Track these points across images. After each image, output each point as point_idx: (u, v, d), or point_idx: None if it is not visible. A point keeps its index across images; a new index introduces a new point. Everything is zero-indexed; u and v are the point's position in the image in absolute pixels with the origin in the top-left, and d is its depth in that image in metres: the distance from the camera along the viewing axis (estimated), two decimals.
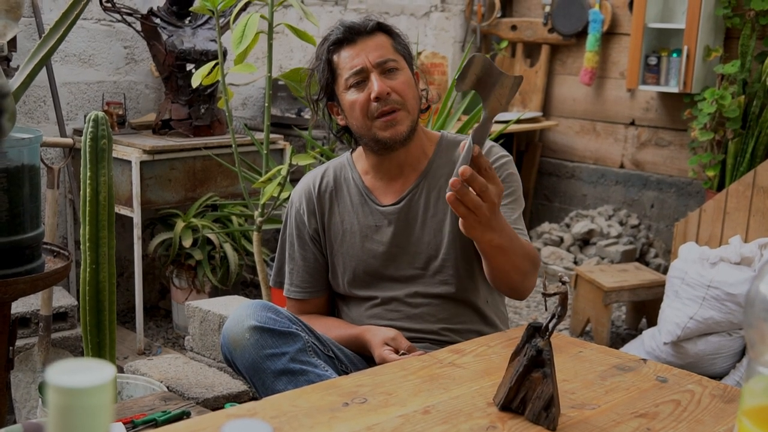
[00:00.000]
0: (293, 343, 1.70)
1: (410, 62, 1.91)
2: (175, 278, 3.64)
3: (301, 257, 1.99)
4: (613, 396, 1.40)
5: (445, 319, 1.90)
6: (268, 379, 1.68)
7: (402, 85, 1.84)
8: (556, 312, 1.30)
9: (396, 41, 1.90)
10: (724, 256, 3.23)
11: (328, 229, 1.96)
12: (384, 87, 1.82)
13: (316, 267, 1.99)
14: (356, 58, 1.84)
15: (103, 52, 3.67)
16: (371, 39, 1.86)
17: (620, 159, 4.94)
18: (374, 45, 1.86)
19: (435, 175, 1.91)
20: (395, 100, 1.83)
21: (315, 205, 1.97)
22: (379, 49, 1.85)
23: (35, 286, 2.24)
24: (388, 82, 1.83)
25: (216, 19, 2.60)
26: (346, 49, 1.86)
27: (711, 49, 4.27)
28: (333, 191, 1.97)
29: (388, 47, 1.87)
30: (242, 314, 1.72)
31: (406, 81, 1.85)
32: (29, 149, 2.22)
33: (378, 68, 1.83)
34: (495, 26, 5.20)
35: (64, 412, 0.61)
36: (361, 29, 1.87)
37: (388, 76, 1.84)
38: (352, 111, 1.86)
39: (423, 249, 1.88)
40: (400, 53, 1.89)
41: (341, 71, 1.86)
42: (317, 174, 2.01)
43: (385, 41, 1.88)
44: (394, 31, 1.92)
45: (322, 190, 1.97)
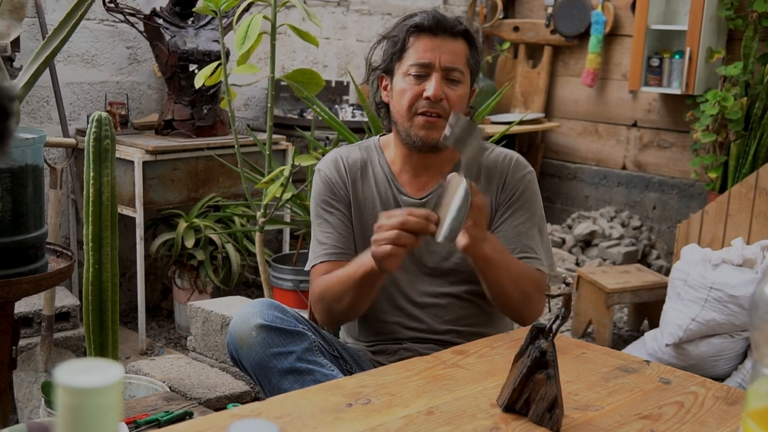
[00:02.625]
0: (300, 343, 1.69)
1: (474, 78, 1.91)
2: (177, 278, 3.64)
3: (336, 219, 1.91)
4: (616, 397, 1.40)
5: (451, 321, 1.89)
6: (275, 378, 1.67)
7: (456, 97, 1.84)
8: (560, 313, 1.30)
9: (472, 54, 1.88)
10: (727, 258, 3.23)
11: (354, 202, 1.93)
12: (440, 91, 1.82)
13: (348, 229, 1.92)
14: (429, 51, 1.83)
15: (106, 53, 3.67)
16: (452, 41, 1.85)
17: (622, 160, 4.94)
18: (451, 48, 1.84)
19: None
20: (443, 107, 1.83)
21: (345, 174, 1.93)
22: (453, 54, 1.84)
23: (38, 286, 2.24)
24: (446, 89, 1.83)
25: (219, 20, 2.60)
26: (425, 38, 1.85)
27: (713, 51, 4.27)
28: (360, 169, 1.94)
29: (462, 57, 1.86)
30: (249, 312, 1.72)
31: (461, 95, 1.85)
32: (32, 149, 2.22)
33: (443, 72, 1.83)
34: (497, 27, 5.20)
35: (72, 412, 0.61)
36: (448, 27, 1.85)
37: (448, 84, 1.84)
38: (401, 97, 1.85)
39: (438, 248, 1.88)
40: (470, 67, 1.88)
41: (409, 55, 1.85)
42: (344, 150, 1.98)
43: (462, 49, 1.86)
44: (476, 43, 1.90)
45: (351, 164, 1.95)
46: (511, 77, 5.22)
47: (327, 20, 4.44)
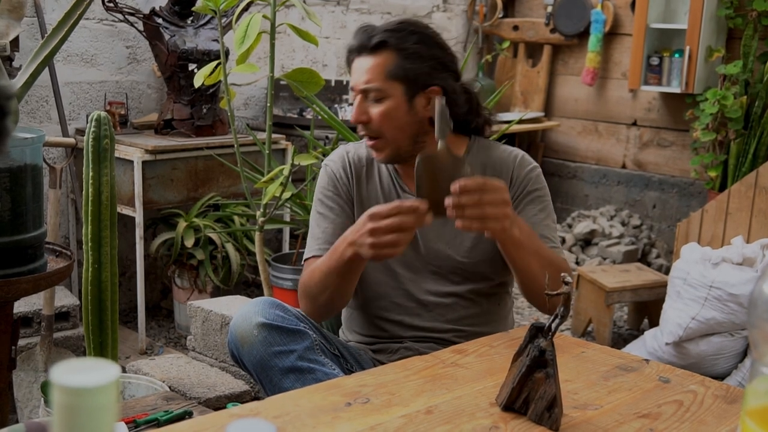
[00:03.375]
0: (301, 341, 1.69)
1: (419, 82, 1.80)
2: (177, 278, 3.64)
3: (334, 215, 1.90)
4: (615, 396, 1.40)
5: (454, 320, 1.89)
6: (276, 377, 1.67)
7: (377, 115, 1.80)
8: (559, 312, 1.30)
9: (399, 62, 1.78)
10: (726, 256, 3.23)
11: (358, 200, 1.92)
12: (358, 115, 1.81)
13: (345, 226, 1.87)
14: (353, 74, 1.83)
15: (106, 52, 3.67)
16: (371, 57, 1.80)
17: (622, 159, 4.93)
18: (367, 67, 1.80)
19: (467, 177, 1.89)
20: (371, 128, 1.81)
21: (350, 171, 1.93)
22: (368, 73, 1.79)
23: (37, 286, 2.24)
24: (369, 108, 1.81)
25: (218, 19, 2.60)
26: (354, 60, 1.85)
27: (713, 50, 4.27)
28: (365, 166, 1.94)
29: (380, 72, 1.79)
30: (250, 311, 1.72)
31: (384, 112, 1.79)
32: (32, 149, 2.22)
33: (362, 93, 1.81)
34: (497, 26, 5.20)
35: (69, 412, 0.61)
36: (363, 45, 1.81)
37: (370, 102, 1.81)
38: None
39: (443, 247, 1.87)
40: (397, 78, 1.78)
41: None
42: (352, 147, 1.98)
43: (382, 63, 1.79)
44: (405, 46, 1.79)
45: (357, 161, 1.94)
46: (511, 76, 5.21)
47: (326, 19, 4.44)
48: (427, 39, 1.83)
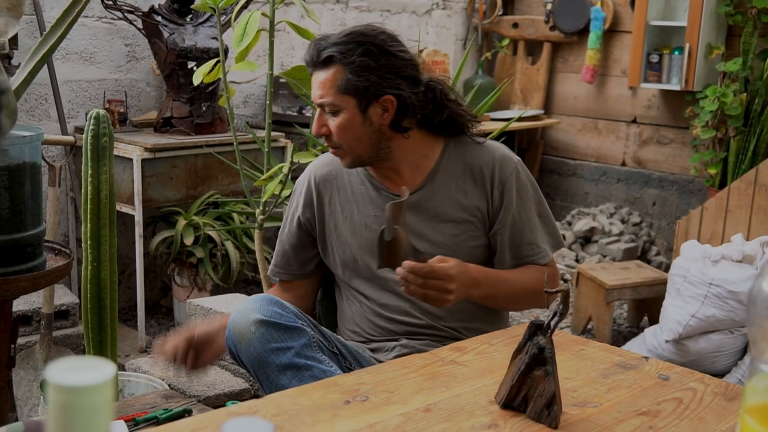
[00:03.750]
0: (299, 338, 1.69)
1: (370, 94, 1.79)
2: (176, 276, 3.64)
3: (288, 242, 2.02)
4: (615, 394, 1.40)
5: (445, 318, 1.89)
6: (273, 373, 1.67)
7: (335, 128, 1.82)
8: (558, 310, 1.30)
9: (348, 76, 1.78)
10: (726, 254, 3.22)
11: (327, 216, 1.96)
12: (317, 128, 1.85)
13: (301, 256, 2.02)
14: (312, 88, 1.86)
15: (105, 50, 3.67)
16: (323, 71, 1.82)
17: (622, 157, 4.93)
18: (319, 82, 1.82)
19: (444, 176, 1.90)
20: (332, 140, 1.85)
21: (313, 194, 1.97)
22: (321, 88, 1.82)
23: (37, 284, 2.24)
24: (328, 121, 1.84)
25: (217, 17, 2.60)
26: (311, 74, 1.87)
27: (713, 47, 4.26)
28: (334, 179, 1.97)
29: (331, 86, 1.80)
30: (248, 308, 1.72)
31: (341, 125, 1.81)
32: (30, 147, 2.22)
33: (320, 107, 1.84)
34: (496, 24, 5.19)
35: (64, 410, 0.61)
36: (314, 61, 1.83)
37: (330, 116, 1.83)
38: None
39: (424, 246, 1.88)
40: (347, 91, 1.79)
41: None
42: (320, 162, 2.01)
43: (332, 78, 1.79)
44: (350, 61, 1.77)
45: (323, 178, 1.97)
46: (511, 74, 5.21)
47: (326, 17, 4.44)
48: (375, 49, 1.79)
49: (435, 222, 1.88)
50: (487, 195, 1.89)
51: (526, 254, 1.90)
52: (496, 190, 1.88)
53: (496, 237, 1.90)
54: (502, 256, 1.91)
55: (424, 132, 1.92)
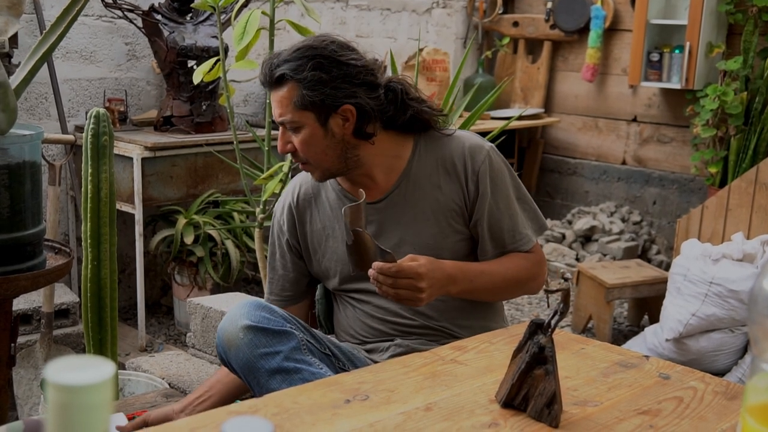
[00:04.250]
0: (287, 342, 1.69)
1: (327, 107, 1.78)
2: (176, 275, 3.64)
3: (281, 266, 2.01)
4: (615, 393, 1.39)
5: (437, 317, 1.89)
6: (263, 378, 1.67)
7: (299, 144, 1.81)
8: (559, 309, 1.29)
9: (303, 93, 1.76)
10: (727, 252, 3.22)
11: (311, 236, 1.97)
12: (283, 146, 1.84)
13: (294, 277, 2.01)
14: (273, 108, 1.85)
15: (105, 49, 3.67)
16: (278, 90, 1.80)
17: (622, 155, 4.93)
18: (277, 100, 1.81)
19: (417, 174, 1.88)
20: (298, 156, 1.84)
21: (294, 216, 1.98)
22: (279, 107, 1.80)
23: (37, 283, 2.24)
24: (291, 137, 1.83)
25: (217, 16, 2.60)
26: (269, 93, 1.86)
27: (713, 46, 4.26)
28: (312, 198, 1.97)
29: (288, 104, 1.78)
30: (236, 314, 1.72)
31: (304, 140, 1.80)
32: (30, 146, 2.22)
33: (282, 125, 1.83)
34: (497, 23, 5.19)
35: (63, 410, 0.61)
36: (267, 81, 1.81)
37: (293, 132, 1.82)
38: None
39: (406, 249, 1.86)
40: (305, 107, 1.77)
41: None
42: (296, 183, 2.01)
43: (287, 95, 1.78)
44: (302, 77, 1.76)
45: (301, 198, 1.98)
46: (511, 72, 5.21)
47: (326, 16, 4.43)
48: (325, 61, 1.77)
49: (414, 222, 1.87)
50: (462, 187, 1.86)
51: (508, 242, 1.87)
52: (470, 181, 1.86)
53: (476, 228, 1.87)
54: (484, 246, 1.88)
55: (392, 133, 1.89)
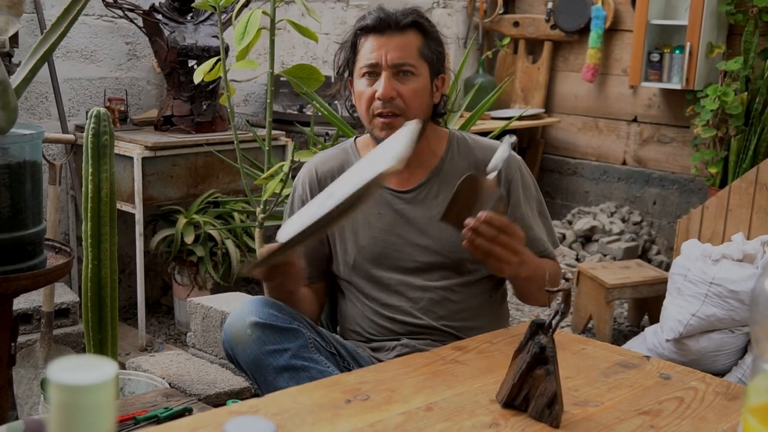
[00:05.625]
0: (295, 340, 1.69)
1: (438, 67, 1.85)
2: (177, 275, 3.64)
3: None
4: (616, 393, 1.39)
5: (446, 315, 1.89)
6: (270, 376, 1.67)
7: (410, 92, 1.81)
8: (560, 309, 1.30)
9: (427, 43, 1.83)
10: (727, 253, 3.22)
11: None
12: (389, 90, 1.80)
13: (315, 254, 1.95)
14: (376, 51, 1.81)
15: (105, 48, 3.67)
16: (399, 36, 1.81)
17: (622, 156, 4.93)
18: (398, 44, 1.80)
19: (448, 174, 1.89)
20: (398, 105, 1.81)
21: (318, 190, 1.92)
22: (400, 50, 1.80)
23: (37, 283, 2.24)
24: (398, 85, 1.80)
25: (218, 15, 2.59)
26: (372, 37, 1.83)
27: (714, 46, 4.26)
28: (335, 176, 1.91)
29: (413, 50, 1.81)
30: (244, 310, 1.72)
31: (416, 89, 1.81)
32: (31, 145, 2.22)
33: (392, 69, 1.80)
34: (497, 23, 5.19)
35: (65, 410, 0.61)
36: (393, 23, 1.81)
37: (400, 79, 1.80)
38: (359, 100, 1.87)
39: (427, 243, 1.87)
40: (425, 58, 1.83)
41: (360, 57, 1.85)
42: (319, 159, 1.99)
43: (412, 42, 1.82)
44: (430, 30, 1.84)
45: (325, 174, 1.94)
46: (511, 73, 5.21)
47: (326, 16, 4.43)
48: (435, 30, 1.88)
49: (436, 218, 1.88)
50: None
51: (537, 250, 1.89)
52: (505, 184, 1.88)
53: None
54: None
55: (433, 126, 1.94)
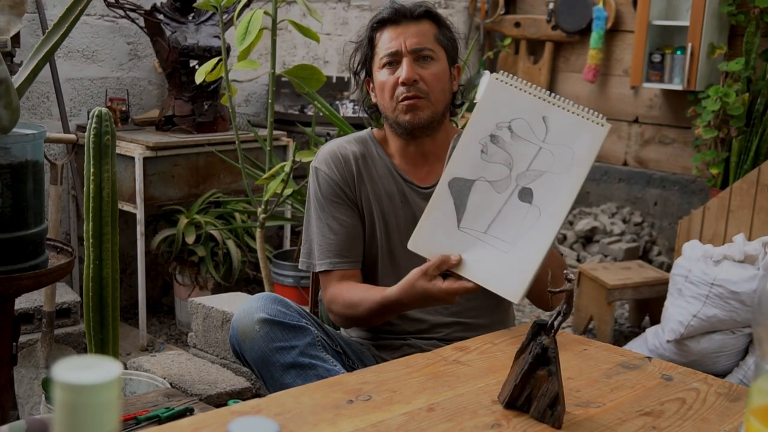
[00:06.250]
0: (303, 337, 1.69)
1: (452, 55, 1.91)
2: (178, 275, 3.64)
3: (340, 223, 1.88)
4: (618, 394, 1.39)
5: (455, 313, 1.89)
6: (277, 372, 1.67)
7: (431, 75, 1.84)
8: (562, 309, 1.29)
9: (441, 32, 1.89)
10: (728, 254, 3.22)
11: (360, 197, 1.90)
12: (412, 73, 1.83)
13: (356, 232, 1.90)
14: (394, 40, 1.85)
15: (107, 48, 3.67)
16: (415, 25, 1.86)
17: (624, 156, 4.93)
18: (415, 31, 1.86)
19: None
20: (420, 88, 1.84)
21: (344, 169, 1.90)
22: (418, 36, 1.85)
23: (38, 282, 2.24)
24: (419, 69, 1.84)
25: (219, 15, 2.60)
26: (389, 29, 1.87)
27: (715, 47, 4.26)
28: (360, 160, 1.92)
29: (429, 36, 1.87)
30: (252, 306, 1.71)
31: (436, 73, 1.85)
32: (33, 145, 2.22)
33: (412, 54, 1.84)
34: (498, 23, 5.19)
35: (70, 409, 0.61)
36: (408, 13, 1.87)
37: (420, 64, 1.85)
38: (382, 91, 1.88)
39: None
40: (441, 44, 1.88)
41: (379, 50, 1.88)
42: (337, 145, 1.95)
43: (428, 29, 1.87)
44: (442, 20, 1.91)
45: (351, 158, 1.92)
46: (513, 73, 5.20)
47: (328, 16, 4.43)
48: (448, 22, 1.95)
49: None
50: None
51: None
52: None
53: None
54: None
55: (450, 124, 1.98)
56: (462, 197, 1.57)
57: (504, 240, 1.53)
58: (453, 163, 1.57)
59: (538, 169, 1.53)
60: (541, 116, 1.53)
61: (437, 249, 1.57)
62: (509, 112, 1.55)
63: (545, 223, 1.51)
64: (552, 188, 1.52)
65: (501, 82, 1.56)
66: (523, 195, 1.54)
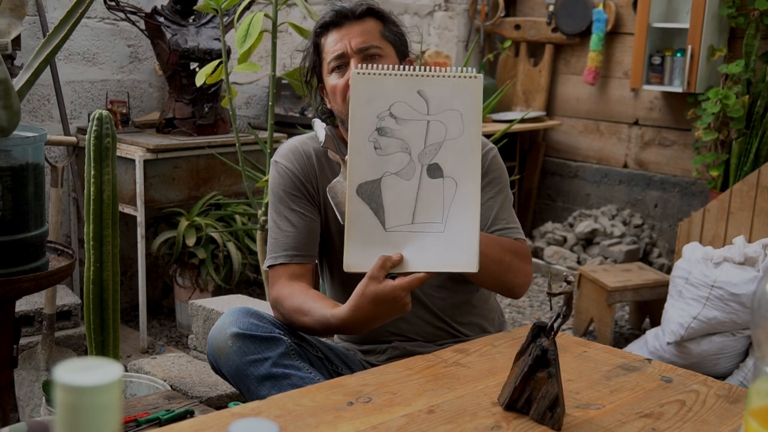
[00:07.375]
0: (275, 348, 1.69)
1: (401, 50, 1.87)
2: (178, 277, 3.64)
3: (298, 217, 1.85)
4: (617, 396, 1.40)
5: (434, 313, 1.89)
6: (252, 385, 1.68)
7: None
8: (561, 312, 1.30)
9: (387, 27, 1.85)
10: (728, 256, 3.22)
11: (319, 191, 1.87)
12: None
13: (313, 227, 1.86)
14: (339, 42, 1.82)
15: (107, 51, 3.67)
16: (358, 24, 1.83)
17: (624, 159, 4.93)
18: (359, 30, 1.82)
19: None
20: None
21: (305, 164, 1.88)
22: (363, 35, 1.82)
23: (39, 285, 2.25)
24: None
25: (220, 18, 2.60)
26: (333, 32, 1.84)
27: (715, 49, 4.26)
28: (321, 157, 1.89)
29: (375, 33, 1.83)
30: (225, 322, 1.72)
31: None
32: (33, 148, 2.22)
33: (359, 54, 1.80)
34: (498, 25, 5.19)
35: (71, 411, 0.61)
36: (349, 14, 1.83)
37: (369, 62, 1.78)
38: (333, 95, 1.84)
39: None
40: (388, 40, 1.85)
41: (325, 55, 1.84)
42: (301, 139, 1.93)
43: (372, 27, 1.84)
44: (386, 16, 1.87)
45: (311, 153, 1.89)
46: (513, 75, 5.21)
47: None
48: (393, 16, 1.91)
49: None
50: None
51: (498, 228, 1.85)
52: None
53: None
54: None
55: None
56: (376, 199, 1.52)
57: (434, 221, 1.51)
58: (352, 173, 1.51)
59: (436, 142, 1.51)
60: (416, 91, 1.52)
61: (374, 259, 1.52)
62: (384, 100, 1.51)
63: (466, 189, 1.51)
64: (456, 154, 1.51)
65: (363, 75, 1.52)
66: (432, 172, 1.52)
